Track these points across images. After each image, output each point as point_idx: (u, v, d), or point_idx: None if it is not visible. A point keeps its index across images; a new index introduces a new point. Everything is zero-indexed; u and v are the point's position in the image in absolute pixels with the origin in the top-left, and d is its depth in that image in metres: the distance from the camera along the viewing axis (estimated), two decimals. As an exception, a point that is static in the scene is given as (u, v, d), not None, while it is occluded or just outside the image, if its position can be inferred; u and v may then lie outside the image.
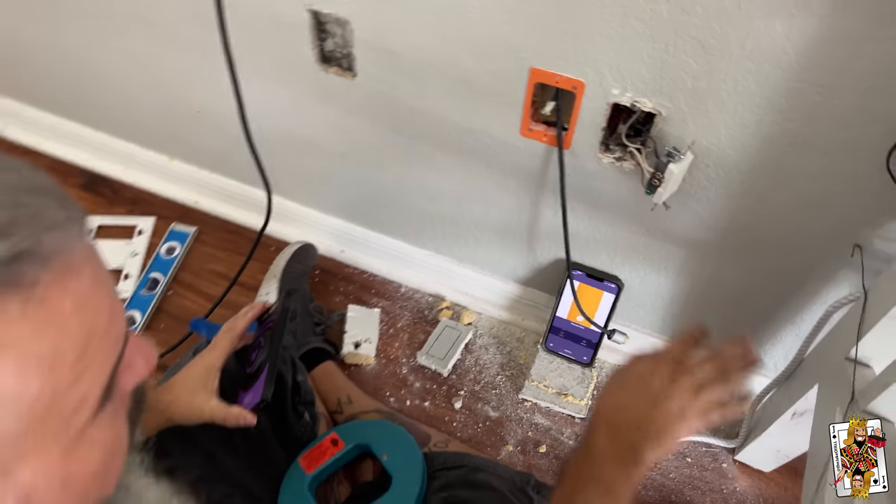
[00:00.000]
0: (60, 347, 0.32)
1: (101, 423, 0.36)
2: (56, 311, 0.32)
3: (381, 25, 0.89)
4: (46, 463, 0.34)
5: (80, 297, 0.33)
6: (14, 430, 0.31)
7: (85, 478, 0.36)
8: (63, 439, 0.34)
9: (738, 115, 0.79)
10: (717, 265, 1.01)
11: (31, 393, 0.31)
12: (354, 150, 1.12)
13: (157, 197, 1.44)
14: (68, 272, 0.32)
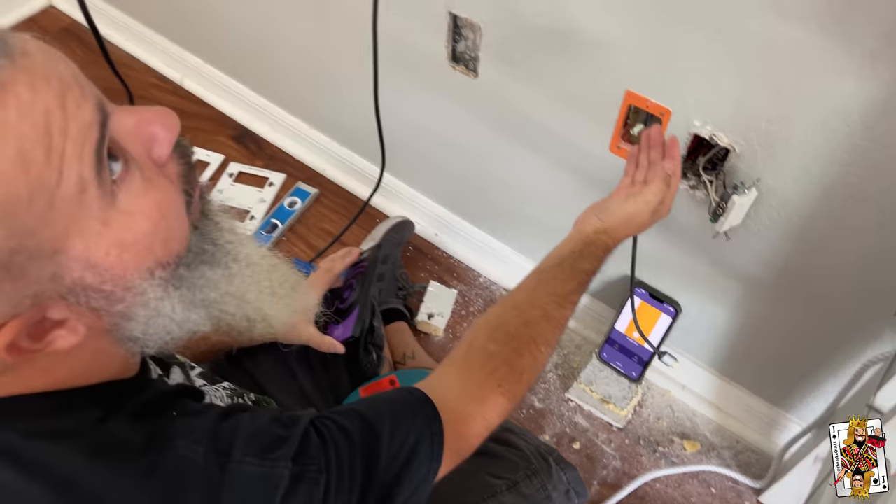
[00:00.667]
0: (24, 149, 0.37)
1: (133, 190, 0.44)
2: (4, 123, 0.37)
3: (507, 36, 1.04)
4: (90, 234, 0.42)
5: (21, 106, 0.37)
6: (25, 222, 0.38)
7: (140, 238, 0.44)
8: (90, 213, 0.41)
9: (804, 162, 0.87)
10: (771, 306, 1.07)
11: (21, 190, 0.37)
12: (463, 143, 1.27)
13: (292, 158, 1.64)
14: (2, 89, 0.37)
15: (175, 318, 0.49)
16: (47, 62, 0.40)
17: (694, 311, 1.18)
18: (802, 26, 0.76)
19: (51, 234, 0.40)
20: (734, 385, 1.25)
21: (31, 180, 0.38)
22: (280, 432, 0.53)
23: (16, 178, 0.37)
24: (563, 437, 1.26)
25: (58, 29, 1.88)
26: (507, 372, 0.71)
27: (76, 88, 0.41)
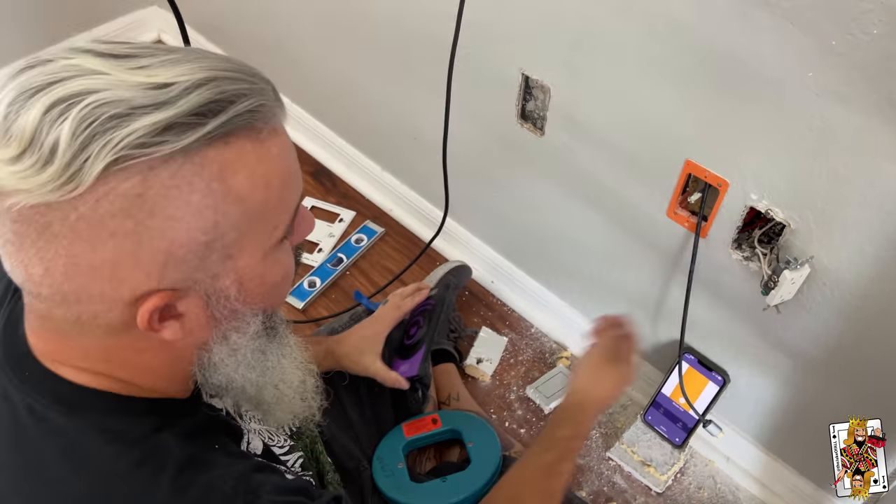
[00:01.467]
0: (270, 175, 0.49)
1: (284, 249, 0.55)
2: (269, 152, 0.49)
3: (574, 99, 1.09)
4: (254, 259, 0.52)
5: (281, 148, 0.50)
6: (241, 223, 0.49)
7: (271, 283, 0.54)
8: (264, 246, 0.52)
9: (859, 244, 0.87)
10: (821, 385, 1.06)
11: (255, 199, 0.49)
12: (525, 196, 1.31)
13: (363, 197, 1.73)
14: (275, 131, 0.50)
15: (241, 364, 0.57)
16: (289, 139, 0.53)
17: (742, 381, 1.18)
18: (862, 114, 0.78)
19: (240, 240, 0.50)
20: (781, 462, 1.23)
21: (264, 199, 0.50)
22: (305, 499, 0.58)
23: (258, 190, 0.49)
24: (600, 496, 1.26)
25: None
26: None
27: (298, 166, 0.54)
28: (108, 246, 0.45)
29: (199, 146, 0.45)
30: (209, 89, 0.46)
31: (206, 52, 0.50)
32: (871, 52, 0.73)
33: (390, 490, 1.03)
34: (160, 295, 0.48)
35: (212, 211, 0.47)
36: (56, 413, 0.53)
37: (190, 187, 0.45)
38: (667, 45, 0.90)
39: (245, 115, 0.47)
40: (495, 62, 1.16)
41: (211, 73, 0.47)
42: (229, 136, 0.47)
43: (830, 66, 0.77)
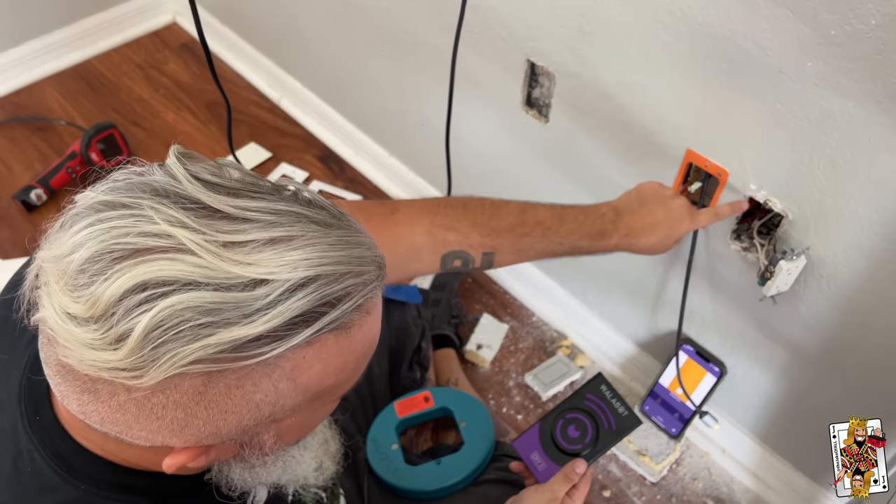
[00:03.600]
0: (349, 362, 0.46)
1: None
2: (354, 340, 0.45)
3: (579, 87, 1.09)
4: (300, 417, 0.48)
5: (367, 330, 0.47)
6: (298, 403, 0.46)
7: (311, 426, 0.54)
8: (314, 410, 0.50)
9: (856, 236, 0.87)
10: (816, 379, 1.06)
11: (324, 386, 0.46)
12: (527, 182, 1.32)
13: (369, 181, 1.74)
14: (368, 314, 0.46)
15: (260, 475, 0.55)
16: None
17: (739, 373, 1.18)
18: (860, 105, 0.78)
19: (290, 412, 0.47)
20: (776, 456, 1.23)
21: (334, 383, 0.46)
22: None
23: (330, 378, 0.46)
24: (595, 483, 1.26)
25: (178, 44, 2.07)
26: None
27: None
28: (151, 426, 0.43)
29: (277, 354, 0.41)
30: (309, 295, 0.41)
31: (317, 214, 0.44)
32: (870, 43, 0.73)
33: (385, 473, 1.04)
34: (192, 451, 0.46)
35: (271, 406, 0.44)
36: (53, 470, 0.52)
37: (255, 387, 0.42)
38: (669, 34, 0.91)
39: (339, 318, 0.43)
40: (502, 48, 1.17)
41: (316, 269, 0.41)
42: (315, 339, 0.43)
43: (829, 57, 0.77)
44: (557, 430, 0.87)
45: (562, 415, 0.87)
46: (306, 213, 0.44)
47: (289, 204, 0.44)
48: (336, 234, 0.44)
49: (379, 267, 0.46)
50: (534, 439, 0.88)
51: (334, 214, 0.46)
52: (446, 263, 0.85)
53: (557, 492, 0.82)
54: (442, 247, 0.83)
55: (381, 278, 0.46)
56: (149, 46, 2.07)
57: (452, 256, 0.84)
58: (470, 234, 0.83)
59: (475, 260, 0.85)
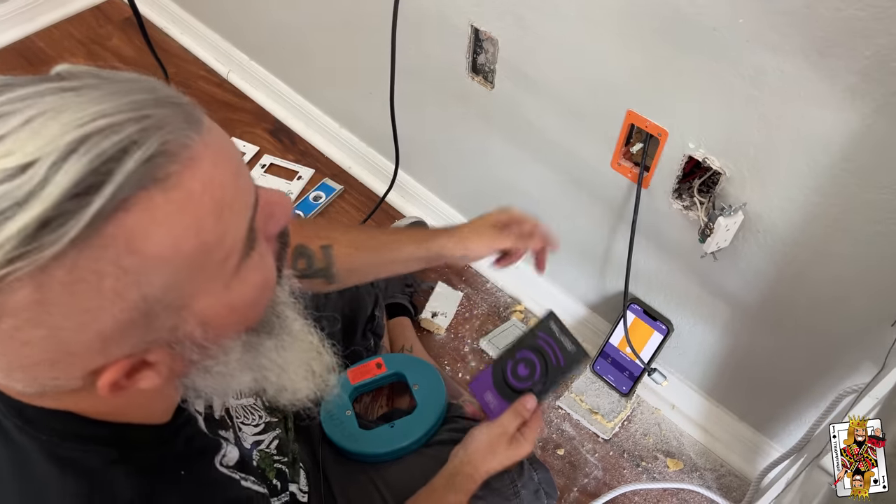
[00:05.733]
0: (200, 217, 0.42)
1: (252, 264, 0.48)
2: (189, 193, 0.41)
3: (522, 51, 1.09)
4: (213, 295, 0.46)
5: (205, 178, 0.42)
6: (179, 279, 0.43)
7: (245, 305, 0.49)
8: (221, 279, 0.46)
9: (789, 190, 0.90)
10: (756, 332, 1.09)
11: (187, 251, 0.42)
12: (476, 149, 1.32)
13: (321, 154, 1.73)
14: (192, 162, 0.41)
15: (234, 376, 0.53)
16: (224, 140, 0.45)
17: (685, 330, 1.21)
18: (789, 60, 0.80)
19: (189, 290, 0.44)
20: (722, 409, 1.27)
21: (197, 244, 0.43)
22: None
23: (187, 240, 0.42)
24: (549, 443, 1.29)
25: (121, 19, 2.01)
26: None
27: (243, 168, 0.46)
28: (31, 352, 0.41)
29: (91, 230, 0.38)
30: (81, 157, 0.37)
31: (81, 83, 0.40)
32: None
33: (339, 438, 1.05)
34: (115, 367, 0.44)
35: (134, 288, 0.41)
36: (13, 424, 0.50)
37: (97, 277, 0.39)
38: (606, -6, 0.91)
39: (139, 170, 0.39)
40: (445, 14, 1.16)
41: (81, 129, 0.38)
42: (127, 200, 0.39)
43: (759, 12, 0.79)
44: (508, 369, 0.89)
45: (513, 354, 0.88)
46: (68, 86, 0.40)
47: (50, 83, 0.40)
48: (99, 92, 0.40)
49: (177, 107, 0.42)
50: (487, 380, 0.90)
51: (100, 77, 0.42)
52: (294, 264, 0.85)
53: (507, 426, 0.86)
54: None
55: (192, 121, 0.42)
56: (91, 21, 2.01)
57: (296, 254, 0.83)
58: (303, 228, 0.85)
59: (315, 254, 0.84)
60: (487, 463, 0.88)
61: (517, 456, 0.89)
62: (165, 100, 0.42)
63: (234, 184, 0.44)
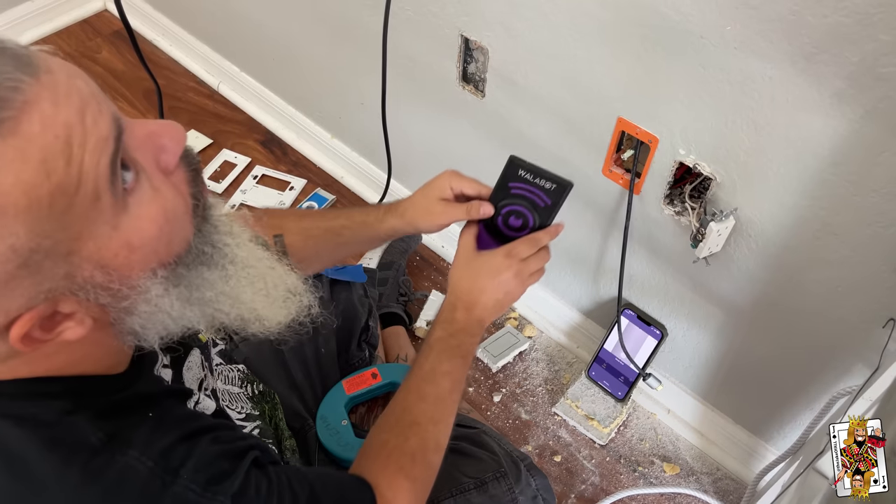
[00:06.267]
0: (47, 159, 0.41)
1: (143, 199, 0.48)
2: (29, 136, 0.41)
3: (512, 61, 1.10)
4: (101, 237, 0.46)
5: (44, 120, 0.41)
6: (47, 226, 0.42)
7: (146, 241, 0.48)
8: (102, 218, 0.45)
9: (779, 195, 0.91)
10: (750, 335, 1.10)
11: (42, 196, 0.41)
12: (468, 158, 1.33)
13: (313, 164, 1.73)
14: (27, 105, 0.41)
15: (172, 314, 0.52)
16: (69, 79, 0.44)
17: (679, 335, 1.22)
18: (777, 66, 0.80)
19: (66, 235, 0.44)
20: (717, 412, 1.27)
21: (51, 187, 0.42)
22: (226, 467, 0.56)
23: (38, 184, 0.41)
24: (546, 450, 1.29)
25: (110, 31, 2.01)
26: (400, 457, 0.75)
27: (94, 104, 0.45)
28: None
29: None
30: None
31: None
32: (784, 5, 0.75)
33: (335, 447, 1.05)
34: (21, 321, 0.44)
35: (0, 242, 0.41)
36: None
37: None
38: (595, 3, 0.92)
39: None
40: (435, 24, 1.17)
41: None
42: None
43: (746, 20, 0.79)
44: (500, 224, 0.83)
45: (498, 211, 0.82)
46: None
47: None
48: None
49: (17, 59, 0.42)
50: (487, 240, 0.84)
51: None
52: None
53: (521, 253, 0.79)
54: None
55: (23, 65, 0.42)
56: (80, 35, 2.01)
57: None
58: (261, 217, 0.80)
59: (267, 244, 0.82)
60: (486, 294, 0.79)
61: (522, 287, 0.80)
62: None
63: (82, 121, 0.43)
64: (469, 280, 0.80)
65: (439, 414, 0.79)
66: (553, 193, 0.81)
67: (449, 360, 0.80)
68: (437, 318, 0.82)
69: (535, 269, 0.80)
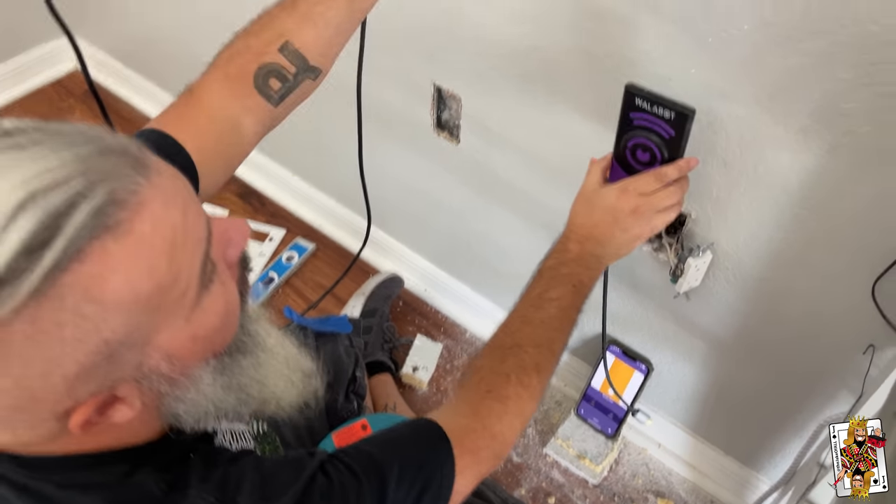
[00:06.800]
0: (153, 259, 0.43)
1: (213, 293, 0.50)
2: (141, 237, 0.42)
3: (485, 107, 1.12)
4: (174, 329, 0.47)
5: (155, 221, 0.43)
6: (139, 320, 0.44)
7: (208, 333, 0.50)
8: (182, 312, 0.47)
9: (753, 229, 0.92)
10: (734, 366, 1.11)
11: (144, 294, 0.43)
12: (447, 202, 1.34)
13: (291, 214, 1.73)
14: (141, 206, 0.43)
15: (214, 401, 0.54)
16: (174, 180, 0.47)
17: (665, 369, 1.22)
18: (743, 105, 0.83)
19: (150, 328, 0.46)
20: (708, 444, 1.28)
21: (152, 285, 0.44)
22: (285, 477, 0.57)
23: (142, 282, 0.43)
24: (539, 492, 1.28)
25: (82, 92, 2.01)
26: (493, 378, 0.73)
27: (192, 204, 0.47)
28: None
29: (47, 283, 0.39)
30: (30, 214, 0.38)
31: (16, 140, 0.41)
32: (744, 47, 0.78)
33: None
34: (84, 407, 0.45)
35: (94, 333, 0.42)
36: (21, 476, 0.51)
37: (57, 327, 0.40)
38: (559, 51, 0.94)
39: (89, 221, 0.40)
40: (408, 73, 1.19)
41: (28, 187, 0.39)
42: (81, 251, 0.40)
43: (710, 63, 0.82)
44: (629, 158, 0.80)
45: (624, 143, 0.80)
46: (13, 143, 0.41)
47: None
48: (43, 147, 0.41)
49: (122, 155, 0.43)
50: (618, 173, 0.82)
51: (45, 131, 0.43)
52: (268, 93, 0.77)
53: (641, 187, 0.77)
54: (243, 81, 0.75)
55: (139, 166, 0.44)
56: (53, 96, 2.01)
57: (262, 79, 0.75)
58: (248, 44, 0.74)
59: (279, 63, 0.75)
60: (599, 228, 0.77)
61: (647, 224, 0.77)
62: (110, 149, 0.43)
63: (184, 222, 0.46)
64: (584, 214, 0.80)
65: (542, 337, 0.77)
66: (674, 123, 0.76)
67: (557, 288, 0.78)
68: (551, 249, 0.82)
69: (664, 204, 0.77)
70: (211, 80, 0.75)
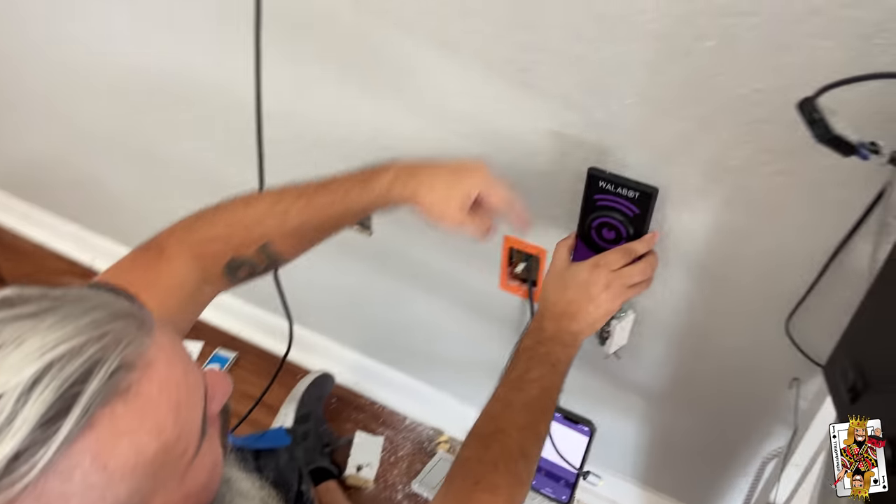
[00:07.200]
0: (159, 419, 0.43)
1: (203, 451, 0.49)
2: (148, 398, 0.43)
3: (393, 196, 1.12)
4: (169, 491, 0.46)
5: (161, 381, 0.44)
6: (142, 484, 0.43)
7: (199, 489, 0.50)
8: (179, 472, 0.46)
9: (670, 285, 0.96)
10: (672, 414, 1.13)
11: (150, 455, 0.43)
12: (367, 293, 1.33)
13: (207, 326, 1.67)
14: (148, 367, 0.43)
15: None
16: (170, 335, 0.46)
17: (607, 428, 1.23)
18: (639, 174, 0.86)
19: (148, 491, 0.44)
20: (661, 495, 1.28)
21: (158, 446, 0.43)
22: None
23: (149, 444, 0.42)
24: (505, 575, 1.24)
25: (-37, 225, 1.90)
26: (479, 468, 0.72)
27: (188, 360, 0.47)
28: None
29: (60, 455, 0.38)
30: (47, 386, 0.38)
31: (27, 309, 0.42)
32: (628, 119, 0.82)
33: None
34: None
35: (99, 502, 0.41)
36: None
37: (62, 498, 0.39)
38: (468, 142, 0.97)
39: (103, 387, 0.40)
40: (313, 166, 1.17)
41: (44, 357, 0.39)
42: (92, 417, 0.40)
43: (599, 136, 0.86)
44: (594, 237, 0.85)
45: (589, 223, 0.84)
46: (13, 314, 0.41)
47: (5, 311, 0.42)
48: (53, 316, 0.42)
49: (129, 317, 0.44)
50: (584, 252, 0.86)
51: (52, 298, 0.43)
52: (234, 277, 0.80)
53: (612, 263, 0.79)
54: (214, 264, 0.78)
55: (144, 327, 0.44)
56: (-71, 234, 1.88)
57: (233, 267, 0.79)
58: (231, 236, 0.78)
59: (255, 259, 0.78)
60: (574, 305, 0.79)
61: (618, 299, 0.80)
62: (120, 312, 0.44)
63: (186, 381, 0.46)
64: (557, 291, 0.81)
65: (526, 420, 0.76)
66: (638, 202, 0.81)
67: (537, 368, 0.78)
68: (526, 329, 0.82)
69: (633, 280, 0.80)
70: (180, 251, 0.77)
